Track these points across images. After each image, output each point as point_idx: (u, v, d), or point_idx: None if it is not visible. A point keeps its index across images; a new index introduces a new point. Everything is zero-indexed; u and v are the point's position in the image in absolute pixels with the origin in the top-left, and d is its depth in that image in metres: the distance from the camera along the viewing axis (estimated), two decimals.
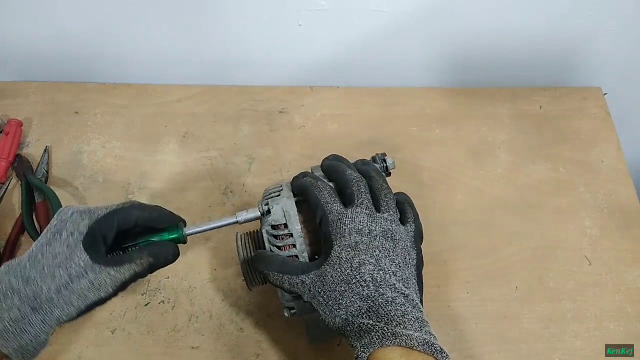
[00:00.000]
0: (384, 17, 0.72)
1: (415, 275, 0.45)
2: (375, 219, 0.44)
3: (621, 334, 0.62)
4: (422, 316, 0.42)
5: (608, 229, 0.69)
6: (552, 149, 0.76)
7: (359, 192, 0.45)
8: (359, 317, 0.41)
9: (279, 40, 0.77)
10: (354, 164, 0.51)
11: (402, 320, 0.40)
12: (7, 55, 0.79)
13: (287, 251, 0.49)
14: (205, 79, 0.81)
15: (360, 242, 0.43)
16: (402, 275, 0.43)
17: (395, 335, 0.39)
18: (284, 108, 0.79)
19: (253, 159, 0.74)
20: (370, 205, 0.45)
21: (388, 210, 0.45)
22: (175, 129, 0.76)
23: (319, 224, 0.45)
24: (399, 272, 0.43)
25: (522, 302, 0.64)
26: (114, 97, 0.79)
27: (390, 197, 0.47)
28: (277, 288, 0.47)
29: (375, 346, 0.39)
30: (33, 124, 0.76)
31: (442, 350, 0.40)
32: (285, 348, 0.60)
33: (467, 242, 0.68)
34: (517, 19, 0.74)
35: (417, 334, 0.40)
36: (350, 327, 0.41)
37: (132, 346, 0.60)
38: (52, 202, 0.67)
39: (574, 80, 0.83)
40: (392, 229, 0.45)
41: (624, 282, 0.65)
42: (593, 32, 0.76)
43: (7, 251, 0.65)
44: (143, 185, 0.71)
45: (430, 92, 0.81)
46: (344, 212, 0.44)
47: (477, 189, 0.72)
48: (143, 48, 0.78)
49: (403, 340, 0.39)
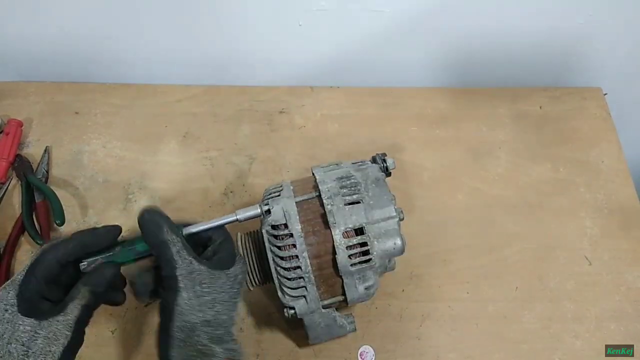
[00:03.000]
0: (384, 17, 0.72)
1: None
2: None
3: (621, 334, 0.62)
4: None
5: (608, 229, 0.69)
6: (552, 149, 0.76)
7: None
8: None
9: (279, 40, 0.77)
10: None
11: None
12: (7, 55, 0.79)
13: (287, 251, 0.49)
14: (205, 79, 0.81)
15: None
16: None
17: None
18: (284, 108, 0.79)
19: (253, 159, 0.74)
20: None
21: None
22: (175, 129, 0.76)
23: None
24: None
25: (522, 302, 0.64)
26: (114, 97, 0.79)
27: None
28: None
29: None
30: (33, 124, 0.76)
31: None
32: (285, 348, 0.60)
33: (467, 242, 0.68)
34: (517, 19, 0.74)
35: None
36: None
37: (132, 346, 0.60)
38: (52, 202, 0.67)
39: (574, 80, 0.83)
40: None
41: (624, 282, 0.65)
42: (593, 32, 0.76)
43: (7, 251, 0.65)
44: (143, 185, 0.71)
45: (430, 92, 0.81)
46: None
47: (477, 189, 0.72)
48: (143, 48, 0.78)
49: None
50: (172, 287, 0.44)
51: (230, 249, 0.49)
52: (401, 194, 0.63)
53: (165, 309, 0.45)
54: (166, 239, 0.45)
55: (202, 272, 0.45)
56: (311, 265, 0.49)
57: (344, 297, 0.51)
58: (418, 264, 0.66)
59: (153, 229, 0.45)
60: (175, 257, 0.45)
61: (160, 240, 0.45)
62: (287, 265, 0.49)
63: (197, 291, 0.45)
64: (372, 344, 0.61)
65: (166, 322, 0.44)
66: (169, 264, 0.45)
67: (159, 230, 0.45)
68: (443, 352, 0.61)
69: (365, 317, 0.62)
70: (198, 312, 0.45)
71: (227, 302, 0.47)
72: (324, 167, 0.55)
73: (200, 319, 0.45)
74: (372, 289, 0.51)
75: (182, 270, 0.45)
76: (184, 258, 0.45)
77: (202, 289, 0.45)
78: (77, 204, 0.70)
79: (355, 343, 0.61)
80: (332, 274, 0.50)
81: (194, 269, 0.45)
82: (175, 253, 0.45)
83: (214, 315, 0.45)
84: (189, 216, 0.52)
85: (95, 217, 0.69)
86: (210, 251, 0.49)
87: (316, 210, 0.50)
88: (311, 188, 0.52)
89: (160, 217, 0.46)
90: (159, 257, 0.45)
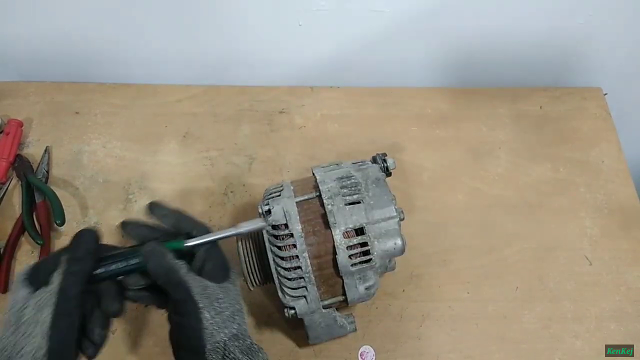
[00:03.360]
0: (384, 17, 0.72)
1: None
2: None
3: (621, 334, 0.62)
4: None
5: (608, 229, 0.69)
6: (552, 149, 0.76)
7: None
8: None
9: (279, 40, 0.77)
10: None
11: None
12: (7, 55, 0.79)
13: (288, 251, 0.49)
14: (205, 79, 0.81)
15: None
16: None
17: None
18: (284, 108, 0.79)
19: (253, 159, 0.74)
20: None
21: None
22: (175, 129, 0.76)
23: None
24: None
25: (522, 302, 0.64)
26: (114, 97, 0.79)
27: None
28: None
29: None
30: (33, 124, 0.76)
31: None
32: (285, 348, 0.60)
33: (467, 242, 0.68)
34: (517, 19, 0.74)
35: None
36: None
37: (132, 346, 0.60)
38: (52, 202, 0.67)
39: (574, 80, 0.83)
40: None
41: (624, 282, 0.65)
42: (593, 32, 0.76)
43: (7, 251, 0.65)
44: (143, 185, 0.71)
45: (430, 92, 0.81)
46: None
47: (477, 189, 0.72)
48: (143, 48, 0.78)
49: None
50: (190, 310, 0.43)
51: (221, 256, 0.48)
52: (401, 194, 0.63)
53: (189, 335, 0.43)
54: (171, 263, 0.44)
55: (214, 287, 0.44)
56: (311, 266, 0.49)
57: (345, 297, 0.51)
58: (418, 264, 0.66)
59: (156, 257, 0.44)
60: (185, 278, 0.43)
61: (166, 267, 0.43)
62: (287, 265, 0.49)
63: (215, 308, 0.44)
64: (372, 344, 0.61)
65: (194, 347, 0.43)
66: (181, 286, 0.43)
67: (163, 257, 0.44)
68: (443, 352, 0.61)
69: (365, 317, 0.62)
70: (224, 328, 0.44)
71: (241, 311, 0.46)
72: (324, 167, 0.55)
73: (228, 335, 0.44)
74: (372, 289, 0.51)
75: (196, 289, 0.43)
76: (194, 278, 0.44)
77: (220, 304, 0.44)
78: (77, 204, 0.70)
79: (355, 343, 0.61)
80: (333, 274, 0.50)
81: (207, 285, 0.44)
82: (184, 274, 0.44)
83: (237, 328, 0.45)
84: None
85: (95, 217, 0.69)
86: (199, 260, 0.47)
87: (316, 210, 0.50)
88: (311, 188, 0.52)
89: (160, 246, 0.45)
90: (167, 284, 0.43)
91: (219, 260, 0.47)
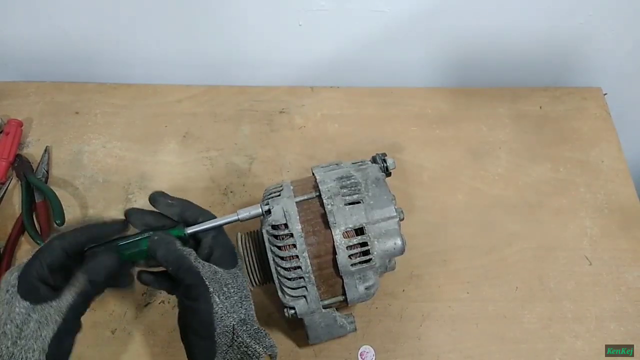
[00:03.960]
0: (384, 17, 0.72)
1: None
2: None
3: (621, 334, 0.62)
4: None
5: (608, 229, 0.69)
6: (552, 149, 0.76)
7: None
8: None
9: (279, 40, 0.77)
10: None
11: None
12: (7, 55, 0.79)
13: (287, 251, 0.49)
14: (205, 79, 0.81)
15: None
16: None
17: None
18: (284, 108, 0.79)
19: (253, 159, 0.74)
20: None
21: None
22: (175, 129, 0.76)
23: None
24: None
25: (522, 302, 0.64)
26: (114, 97, 0.79)
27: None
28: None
29: None
30: (33, 124, 0.76)
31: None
32: (285, 348, 0.60)
33: (467, 242, 0.68)
34: (517, 19, 0.74)
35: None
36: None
37: (132, 346, 0.60)
38: (52, 202, 0.67)
39: (574, 80, 0.83)
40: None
41: (624, 282, 0.65)
42: (593, 32, 0.76)
43: (7, 251, 0.65)
44: (143, 185, 0.71)
45: (430, 92, 0.81)
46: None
47: (477, 189, 0.72)
48: (143, 48, 0.78)
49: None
50: (201, 294, 0.44)
51: (228, 243, 0.50)
52: (401, 194, 0.63)
53: (200, 319, 0.44)
54: (180, 250, 0.45)
55: (222, 273, 0.46)
56: (311, 265, 0.49)
57: (344, 297, 0.51)
58: (418, 264, 0.66)
59: (165, 245, 0.45)
60: (194, 263, 0.45)
61: (175, 254, 0.45)
62: (287, 265, 0.49)
63: (225, 292, 0.45)
64: (372, 344, 0.61)
65: (205, 330, 0.44)
66: (192, 271, 0.45)
67: (172, 245, 0.45)
68: (443, 352, 0.61)
69: (365, 317, 0.62)
70: (232, 313, 0.45)
71: (249, 297, 0.47)
72: (324, 167, 0.55)
73: (236, 320, 0.45)
74: (372, 289, 0.51)
75: (206, 274, 0.45)
76: (203, 264, 0.45)
77: (229, 289, 0.46)
78: (77, 204, 0.70)
79: (355, 343, 0.61)
80: (333, 274, 0.50)
81: (216, 270, 0.46)
82: (194, 260, 0.45)
83: (245, 313, 0.46)
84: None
85: (95, 217, 0.69)
86: (206, 246, 0.49)
87: (316, 210, 0.50)
88: (311, 188, 0.52)
89: (167, 235, 0.47)
90: (177, 270, 0.45)
91: (226, 247, 0.49)
